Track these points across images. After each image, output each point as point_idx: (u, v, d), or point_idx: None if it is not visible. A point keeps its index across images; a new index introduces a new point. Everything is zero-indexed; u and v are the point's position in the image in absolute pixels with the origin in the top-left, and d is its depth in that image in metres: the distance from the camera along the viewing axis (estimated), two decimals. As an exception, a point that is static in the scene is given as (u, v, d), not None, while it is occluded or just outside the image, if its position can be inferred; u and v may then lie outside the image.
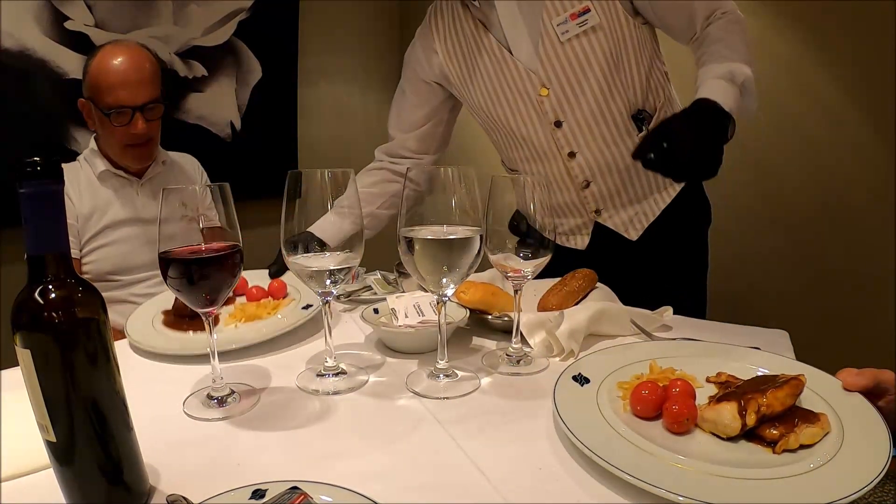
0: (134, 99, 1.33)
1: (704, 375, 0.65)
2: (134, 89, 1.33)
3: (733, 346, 0.72)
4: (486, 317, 0.86)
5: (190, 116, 2.19)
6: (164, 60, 2.06)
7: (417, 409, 0.65)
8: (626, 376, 0.65)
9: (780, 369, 0.63)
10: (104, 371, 0.44)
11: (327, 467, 0.53)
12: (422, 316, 0.85)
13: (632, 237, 1.14)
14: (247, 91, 2.34)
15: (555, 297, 0.90)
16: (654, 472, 0.48)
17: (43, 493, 0.49)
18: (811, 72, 1.78)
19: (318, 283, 0.68)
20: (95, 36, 1.85)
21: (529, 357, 0.76)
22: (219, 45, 2.22)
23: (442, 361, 0.72)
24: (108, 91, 1.32)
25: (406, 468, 0.53)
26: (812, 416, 0.53)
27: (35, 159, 0.41)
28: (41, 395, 0.42)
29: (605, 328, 0.83)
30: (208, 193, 0.63)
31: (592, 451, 0.50)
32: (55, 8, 1.78)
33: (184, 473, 0.53)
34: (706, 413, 0.55)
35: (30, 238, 0.43)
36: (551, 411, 0.57)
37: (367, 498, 0.45)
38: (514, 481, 0.51)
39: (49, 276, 0.43)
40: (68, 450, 0.44)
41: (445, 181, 0.65)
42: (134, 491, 0.47)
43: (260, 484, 0.47)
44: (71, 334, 0.43)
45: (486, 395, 0.68)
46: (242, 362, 0.79)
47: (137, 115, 1.34)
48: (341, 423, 0.62)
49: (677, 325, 0.89)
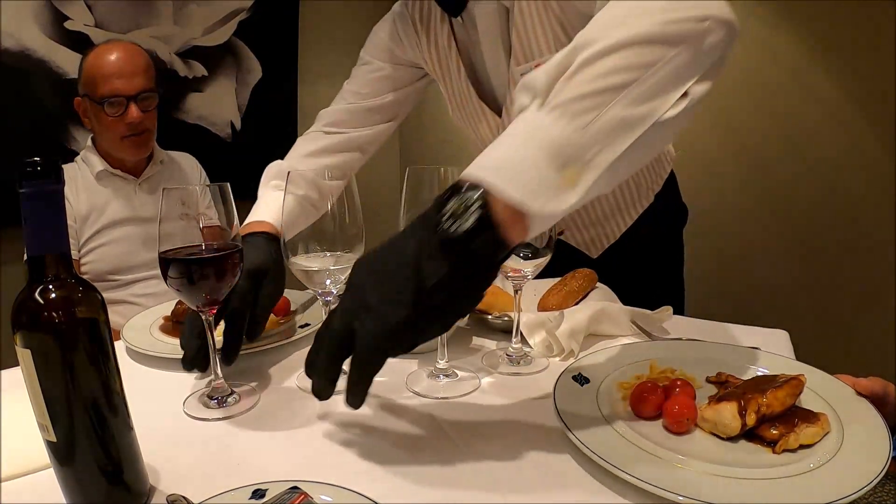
0: (127, 88, 1.38)
1: (704, 375, 0.65)
2: (127, 79, 1.38)
3: (733, 346, 0.72)
4: (486, 317, 0.86)
5: (190, 116, 2.19)
6: (164, 60, 2.06)
7: (417, 409, 0.65)
8: (626, 376, 0.65)
9: (780, 369, 0.63)
10: (104, 371, 0.44)
11: (327, 467, 0.53)
12: (422, 316, 0.85)
13: (592, 255, 1.12)
14: (247, 91, 2.34)
15: (555, 297, 0.90)
16: (654, 472, 0.48)
17: (43, 493, 0.49)
18: (811, 72, 1.78)
19: (318, 283, 0.68)
20: (95, 36, 1.85)
21: (529, 357, 0.76)
22: (219, 45, 2.22)
23: (442, 361, 0.72)
24: (103, 82, 1.37)
25: (406, 468, 0.53)
26: (812, 416, 0.53)
27: (35, 159, 0.41)
28: (41, 395, 0.42)
29: (605, 328, 0.83)
30: (207, 193, 0.64)
31: (592, 451, 0.50)
32: (55, 8, 1.78)
33: (184, 473, 0.53)
34: (706, 413, 0.55)
35: (30, 238, 0.43)
36: (551, 411, 0.57)
37: (368, 498, 0.45)
38: (514, 481, 0.51)
39: (49, 276, 0.43)
40: (68, 450, 0.44)
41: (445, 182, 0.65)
42: (134, 491, 0.47)
43: (260, 484, 0.47)
44: (71, 334, 0.42)
45: (486, 395, 0.68)
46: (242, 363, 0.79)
47: (131, 104, 1.39)
48: (341, 423, 0.62)
49: (677, 325, 0.89)
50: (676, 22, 0.49)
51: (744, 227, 1.98)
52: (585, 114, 0.47)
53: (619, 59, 0.48)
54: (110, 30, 1.90)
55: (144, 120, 1.42)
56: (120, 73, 1.37)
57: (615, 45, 0.48)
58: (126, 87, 1.38)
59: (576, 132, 0.47)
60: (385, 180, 2.75)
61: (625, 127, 0.47)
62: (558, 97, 0.48)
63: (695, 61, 0.50)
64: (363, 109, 1.01)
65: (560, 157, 0.46)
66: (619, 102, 0.47)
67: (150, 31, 2.01)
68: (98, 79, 1.37)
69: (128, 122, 1.39)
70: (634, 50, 0.48)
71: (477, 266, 0.47)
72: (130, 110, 1.38)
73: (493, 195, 0.46)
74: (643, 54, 0.48)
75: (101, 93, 1.37)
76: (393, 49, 1.00)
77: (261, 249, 0.77)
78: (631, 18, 0.49)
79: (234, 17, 2.24)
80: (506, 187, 0.45)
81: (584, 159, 0.47)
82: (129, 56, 1.40)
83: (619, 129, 0.47)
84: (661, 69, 0.48)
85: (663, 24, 0.48)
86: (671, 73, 0.48)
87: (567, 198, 0.47)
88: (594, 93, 0.47)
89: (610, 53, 0.48)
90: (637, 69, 0.47)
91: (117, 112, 1.38)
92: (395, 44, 1.00)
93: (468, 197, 0.46)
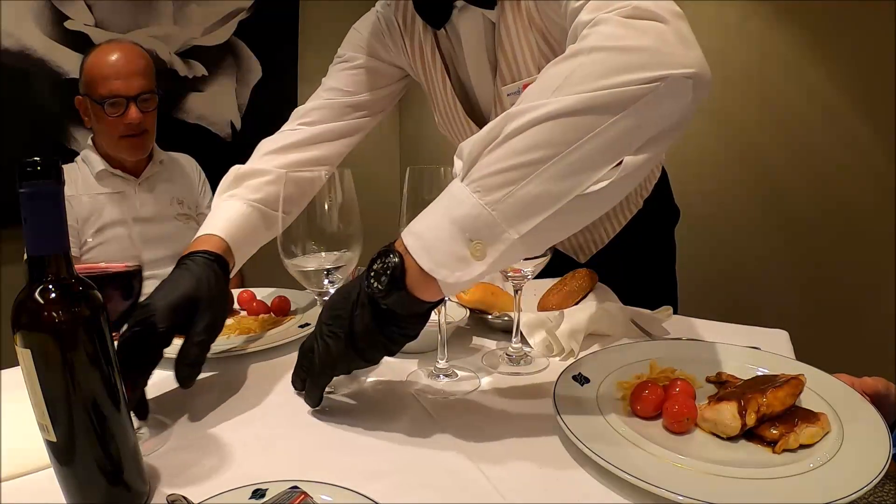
0: (128, 89, 1.40)
1: (704, 375, 0.65)
2: (127, 80, 1.40)
3: (733, 346, 0.72)
4: (486, 317, 0.86)
5: (190, 116, 2.19)
6: (164, 60, 2.06)
7: (417, 409, 0.65)
8: (626, 376, 0.65)
9: (780, 369, 0.63)
10: (104, 371, 0.44)
11: (327, 467, 0.53)
12: (422, 316, 0.85)
13: (580, 260, 1.12)
14: (247, 91, 2.34)
15: (555, 297, 0.90)
16: (654, 472, 0.48)
17: (43, 493, 0.49)
18: (811, 72, 1.78)
19: (315, 283, 0.68)
20: (95, 36, 1.85)
21: (529, 357, 0.76)
22: (219, 44, 2.22)
23: (442, 361, 0.72)
24: (103, 82, 1.38)
25: (406, 468, 0.53)
26: (812, 416, 0.53)
27: (35, 159, 0.41)
28: (41, 395, 0.42)
29: (605, 328, 0.83)
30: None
31: (592, 451, 0.50)
32: (55, 8, 1.77)
33: (184, 473, 0.53)
34: (706, 413, 0.55)
35: (30, 238, 0.43)
36: (551, 411, 0.57)
37: (368, 498, 0.45)
38: (514, 481, 0.51)
39: (49, 276, 0.43)
40: (68, 450, 0.44)
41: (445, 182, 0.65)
42: (134, 491, 0.47)
43: (260, 484, 0.47)
44: (71, 334, 0.42)
45: (486, 395, 0.68)
46: (242, 363, 0.79)
47: (131, 104, 1.40)
48: (341, 423, 0.62)
49: (677, 325, 0.88)
50: (619, 87, 0.46)
51: (743, 227, 1.97)
52: (498, 189, 0.48)
53: (543, 132, 0.47)
54: (110, 30, 1.90)
55: (144, 121, 1.44)
56: (119, 74, 1.39)
57: (542, 116, 0.47)
58: (126, 87, 1.39)
59: (485, 208, 0.49)
60: (385, 180, 2.74)
61: (540, 203, 0.48)
62: (478, 171, 0.50)
63: (638, 129, 0.48)
64: (340, 105, 0.96)
65: (467, 231, 0.49)
66: (534, 179, 0.47)
67: (150, 31, 2.01)
68: (98, 79, 1.39)
69: (126, 123, 1.41)
70: (560, 122, 0.46)
71: (394, 318, 0.55)
72: (130, 111, 1.40)
73: (408, 261, 0.51)
74: (569, 128, 0.46)
75: (101, 93, 1.38)
76: (373, 45, 0.96)
77: (192, 274, 0.68)
78: (569, 83, 0.47)
79: (234, 17, 2.24)
80: (419, 256, 0.51)
81: (492, 235, 0.49)
82: (129, 57, 1.41)
83: (533, 205, 0.48)
84: (588, 142, 0.46)
85: (603, 90, 0.46)
86: (601, 146, 0.47)
87: (473, 269, 0.50)
88: (510, 168, 0.48)
89: (535, 125, 0.47)
90: (559, 145, 0.47)
91: (117, 112, 1.40)
92: (378, 41, 0.95)
93: (389, 260, 0.52)
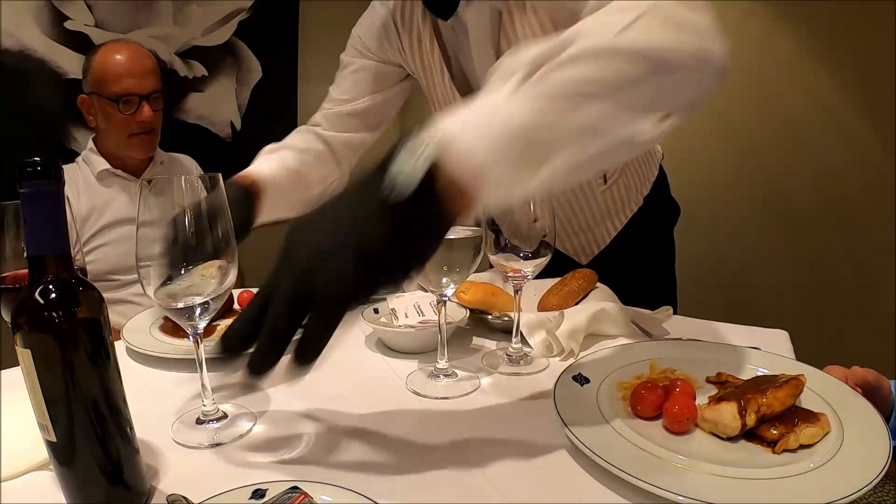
0: (140, 88, 1.43)
1: (704, 375, 0.65)
2: (140, 79, 1.43)
3: (733, 346, 0.72)
4: (486, 317, 0.86)
5: (190, 116, 2.19)
6: (164, 60, 2.06)
7: (417, 409, 0.65)
8: (626, 376, 0.65)
9: (780, 369, 0.63)
10: (104, 371, 0.44)
11: (327, 467, 0.53)
12: (422, 316, 0.85)
13: (581, 261, 1.12)
14: (247, 91, 2.34)
15: (555, 297, 0.90)
16: (654, 472, 0.48)
17: (43, 493, 0.49)
18: (811, 72, 1.78)
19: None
20: (95, 36, 1.85)
21: (529, 357, 0.76)
22: (219, 45, 2.22)
23: (442, 361, 0.72)
24: (116, 81, 1.40)
25: (406, 468, 0.53)
26: (812, 416, 0.53)
27: (35, 159, 0.41)
28: (41, 395, 0.42)
29: (605, 328, 0.83)
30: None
31: (592, 451, 0.50)
32: (55, 8, 1.78)
33: (184, 473, 0.53)
34: (706, 413, 0.55)
35: (30, 238, 0.43)
36: (551, 411, 0.57)
37: (368, 498, 0.45)
38: (514, 481, 0.51)
39: (49, 276, 0.43)
40: (68, 450, 0.44)
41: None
42: (134, 491, 0.47)
43: (260, 484, 0.47)
44: (71, 334, 0.42)
45: (486, 395, 0.68)
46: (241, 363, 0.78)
47: (144, 102, 1.43)
48: (341, 423, 0.62)
49: (677, 325, 0.88)
50: (677, 50, 0.48)
51: (744, 226, 1.98)
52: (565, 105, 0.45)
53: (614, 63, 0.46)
54: (110, 30, 1.90)
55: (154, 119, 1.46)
56: (132, 73, 1.41)
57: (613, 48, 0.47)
58: (139, 86, 1.42)
59: (545, 120, 0.45)
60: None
61: (598, 130, 0.46)
62: (543, 84, 0.45)
63: (686, 88, 0.50)
64: (343, 114, 1.00)
65: (521, 143, 0.44)
66: (598, 103, 0.46)
67: (150, 31, 2.01)
68: (111, 77, 1.40)
69: (139, 121, 1.43)
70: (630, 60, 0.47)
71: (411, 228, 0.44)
72: (143, 109, 1.42)
73: (448, 159, 0.42)
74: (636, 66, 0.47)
75: (115, 91, 1.40)
76: (371, 44, 0.97)
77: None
78: (635, 28, 0.47)
79: (234, 17, 2.24)
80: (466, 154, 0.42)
81: (548, 151, 0.45)
82: (138, 56, 1.44)
83: (589, 134, 0.46)
84: (649, 85, 0.47)
85: (669, 43, 0.48)
86: (655, 94, 0.48)
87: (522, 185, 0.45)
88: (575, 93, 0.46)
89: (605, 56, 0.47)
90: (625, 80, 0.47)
91: (130, 110, 1.42)
92: (373, 40, 0.97)
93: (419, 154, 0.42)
